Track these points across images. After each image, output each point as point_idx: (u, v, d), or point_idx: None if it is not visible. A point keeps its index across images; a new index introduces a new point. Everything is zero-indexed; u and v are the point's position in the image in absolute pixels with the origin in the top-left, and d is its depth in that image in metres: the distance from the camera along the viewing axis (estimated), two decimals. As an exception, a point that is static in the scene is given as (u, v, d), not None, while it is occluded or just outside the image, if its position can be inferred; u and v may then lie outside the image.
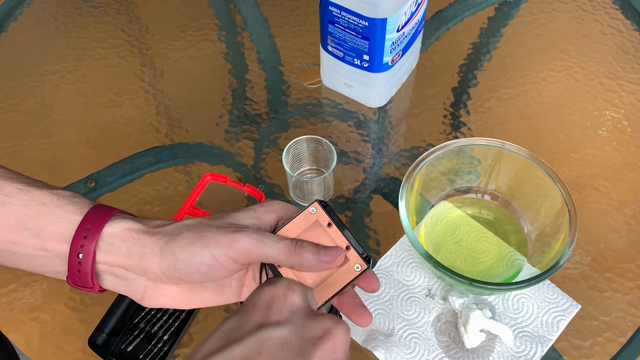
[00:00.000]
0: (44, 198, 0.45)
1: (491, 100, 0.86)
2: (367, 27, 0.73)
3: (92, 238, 0.43)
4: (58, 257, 0.45)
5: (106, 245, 0.44)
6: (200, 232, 0.43)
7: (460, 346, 0.65)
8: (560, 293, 0.68)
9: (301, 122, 0.85)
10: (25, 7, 0.99)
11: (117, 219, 0.45)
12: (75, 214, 0.44)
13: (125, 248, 0.44)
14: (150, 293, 0.46)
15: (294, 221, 0.46)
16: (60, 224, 0.44)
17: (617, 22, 0.94)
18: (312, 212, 0.46)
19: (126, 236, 0.44)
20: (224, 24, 0.97)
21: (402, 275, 0.70)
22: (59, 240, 0.44)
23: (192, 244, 0.43)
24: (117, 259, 0.44)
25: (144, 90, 0.89)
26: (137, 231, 0.44)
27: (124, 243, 0.44)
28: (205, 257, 0.42)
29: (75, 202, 0.45)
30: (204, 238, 0.43)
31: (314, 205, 0.46)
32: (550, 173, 0.67)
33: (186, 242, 0.43)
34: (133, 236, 0.44)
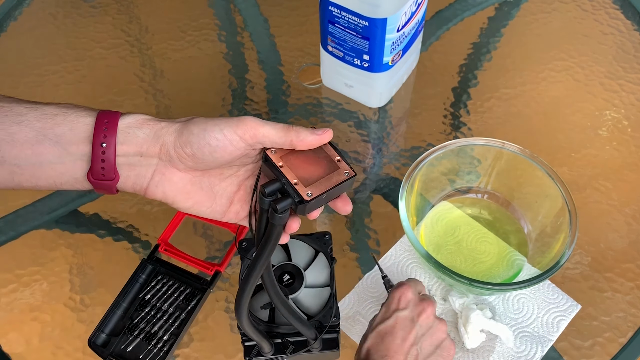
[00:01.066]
0: (54, 110, 0.48)
1: (491, 100, 0.86)
2: (367, 27, 0.73)
3: (111, 130, 0.47)
4: (80, 158, 0.48)
5: (123, 135, 0.48)
6: (211, 118, 0.49)
7: (460, 346, 0.65)
8: (561, 293, 0.68)
9: (301, 122, 0.85)
10: (25, 7, 0.99)
11: (128, 115, 0.49)
12: (88, 116, 0.48)
13: (141, 133, 0.48)
14: (156, 179, 0.50)
15: None
16: (78, 127, 0.48)
17: (617, 22, 0.94)
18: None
19: (142, 124, 0.48)
20: (224, 24, 0.97)
21: (402, 276, 0.70)
22: (80, 141, 0.48)
23: (204, 122, 0.48)
24: (135, 145, 0.48)
25: (144, 90, 0.89)
26: (152, 120, 0.49)
27: (140, 129, 0.48)
28: (215, 132, 0.47)
29: (83, 109, 0.49)
30: (215, 119, 0.48)
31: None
32: (551, 173, 0.67)
33: (199, 122, 0.48)
34: (148, 123, 0.48)
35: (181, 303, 0.69)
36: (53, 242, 0.75)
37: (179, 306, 0.68)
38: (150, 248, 0.73)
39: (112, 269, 0.73)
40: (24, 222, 0.77)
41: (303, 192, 0.47)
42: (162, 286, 0.70)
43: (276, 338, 0.60)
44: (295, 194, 0.47)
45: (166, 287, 0.69)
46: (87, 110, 0.49)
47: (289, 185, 0.47)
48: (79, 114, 0.48)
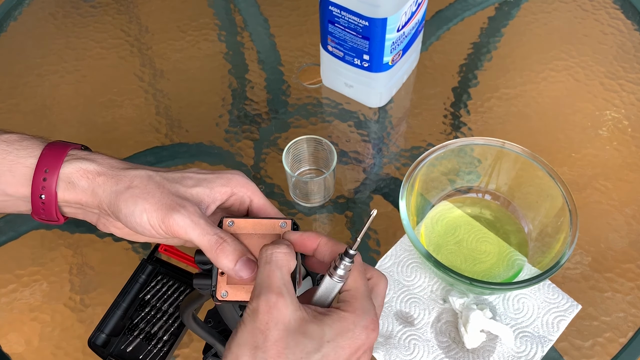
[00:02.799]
0: None
1: (491, 100, 0.86)
2: (367, 27, 0.72)
3: (51, 179, 0.46)
4: (20, 199, 0.47)
5: (64, 184, 0.47)
6: (145, 192, 0.46)
7: (460, 346, 0.65)
8: (561, 293, 0.68)
9: (301, 122, 0.85)
10: (25, 7, 0.99)
11: (71, 160, 0.47)
12: (29, 157, 0.47)
13: (81, 186, 0.47)
14: (102, 221, 0.49)
15: (259, 221, 0.46)
16: (17, 170, 0.46)
17: (617, 22, 0.94)
18: (282, 226, 0.45)
19: (82, 176, 0.47)
20: (224, 24, 0.97)
21: (402, 276, 0.70)
22: (19, 185, 0.47)
23: (134, 203, 0.45)
24: (75, 196, 0.47)
25: (144, 90, 0.89)
26: (93, 172, 0.47)
27: (80, 181, 0.47)
28: (142, 219, 0.45)
29: (25, 146, 0.47)
30: (146, 201, 0.45)
31: (287, 222, 0.45)
32: (551, 173, 0.67)
33: (129, 198, 0.45)
34: (89, 176, 0.47)
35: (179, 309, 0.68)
36: (53, 242, 0.75)
37: (179, 306, 0.68)
38: (150, 248, 0.73)
39: (112, 269, 0.73)
40: (23, 222, 0.77)
41: (220, 289, 0.44)
42: (162, 286, 0.70)
43: None
44: (213, 284, 0.44)
45: (166, 288, 0.69)
46: (29, 148, 0.47)
47: (215, 269, 0.44)
48: (19, 154, 0.47)
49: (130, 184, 0.46)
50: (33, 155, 0.47)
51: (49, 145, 0.47)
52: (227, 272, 0.44)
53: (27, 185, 0.46)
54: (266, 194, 0.77)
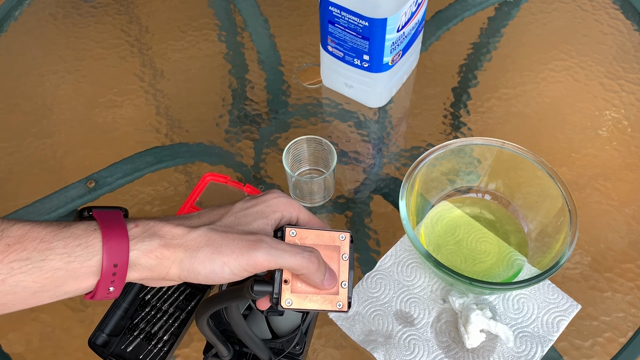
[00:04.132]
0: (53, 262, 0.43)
1: (491, 100, 0.86)
2: (367, 27, 0.73)
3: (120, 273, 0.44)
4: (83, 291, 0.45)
5: (131, 268, 0.45)
6: (218, 248, 0.45)
7: (460, 346, 0.65)
8: (561, 293, 0.68)
9: (301, 122, 0.85)
10: (25, 7, 0.99)
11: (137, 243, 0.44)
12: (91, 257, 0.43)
13: (147, 265, 0.45)
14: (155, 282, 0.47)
15: (319, 232, 0.47)
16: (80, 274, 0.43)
17: (617, 22, 0.94)
18: (341, 238, 0.48)
19: (149, 257, 0.45)
20: (224, 24, 0.97)
21: (402, 276, 0.70)
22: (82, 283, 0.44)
23: (211, 261, 0.44)
24: (139, 275, 0.45)
25: (144, 91, 0.89)
26: (159, 248, 0.45)
27: (146, 262, 0.45)
28: (225, 273, 0.45)
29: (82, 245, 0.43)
30: (222, 254, 0.44)
31: (346, 234, 0.48)
32: (551, 173, 0.67)
33: (205, 258, 0.45)
34: (156, 254, 0.45)
35: (181, 303, 0.69)
36: (53, 242, 0.75)
37: (179, 306, 0.68)
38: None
39: (112, 269, 0.73)
40: (24, 222, 0.77)
41: (283, 297, 0.45)
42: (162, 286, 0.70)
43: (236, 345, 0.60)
44: (277, 292, 0.45)
45: (166, 287, 0.69)
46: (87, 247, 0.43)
47: (279, 277, 0.45)
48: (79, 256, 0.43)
49: (198, 246, 0.45)
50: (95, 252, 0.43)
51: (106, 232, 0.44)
52: (317, 285, 0.46)
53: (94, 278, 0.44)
54: (266, 194, 0.77)
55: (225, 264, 0.44)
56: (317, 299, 0.46)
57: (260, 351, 0.56)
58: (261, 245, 0.45)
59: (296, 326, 0.60)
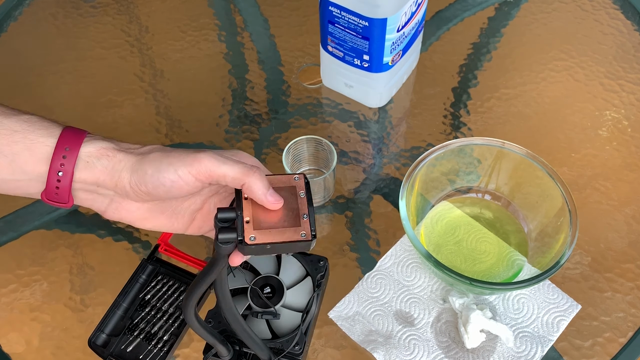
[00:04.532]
0: (15, 125, 0.47)
1: (491, 100, 0.86)
2: (367, 27, 0.73)
3: (71, 157, 0.47)
4: (34, 179, 0.48)
5: (83, 163, 0.48)
6: (167, 153, 0.48)
7: (460, 346, 0.65)
8: (561, 293, 0.68)
9: (301, 122, 0.85)
10: (25, 7, 0.99)
11: (91, 140, 0.48)
12: (49, 137, 0.47)
13: (100, 164, 0.48)
14: (113, 206, 0.50)
15: (277, 176, 0.49)
16: (36, 148, 0.47)
17: (617, 22, 0.94)
18: (295, 179, 0.49)
19: (102, 154, 0.48)
20: (224, 24, 0.97)
21: (402, 276, 0.70)
22: (37, 162, 0.47)
23: (159, 161, 0.47)
24: (92, 175, 0.48)
25: (144, 91, 0.89)
26: (112, 149, 0.48)
27: (99, 160, 0.48)
28: (170, 173, 0.47)
29: (45, 126, 0.48)
30: (170, 157, 0.47)
31: (299, 176, 0.49)
32: (551, 173, 0.67)
33: (154, 159, 0.48)
34: (108, 154, 0.48)
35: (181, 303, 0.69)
36: (53, 243, 0.75)
37: (179, 306, 0.68)
38: (150, 248, 0.73)
39: (112, 269, 0.73)
40: (24, 223, 0.77)
41: (247, 234, 0.46)
42: (162, 286, 0.70)
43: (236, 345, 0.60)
44: (240, 232, 0.46)
45: (166, 287, 0.70)
46: (50, 129, 0.48)
47: (240, 220, 0.46)
48: (39, 133, 0.47)
49: (151, 151, 0.48)
50: (53, 135, 0.47)
51: (68, 127, 0.49)
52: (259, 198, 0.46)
53: (46, 163, 0.47)
54: (266, 194, 0.77)
55: (172, 165, 0.47)
56: (280, 233, 0.46)
57: (260, 351, 0.56)
58: (206, 152, 0.47)
59: (296, 326, 0.60)
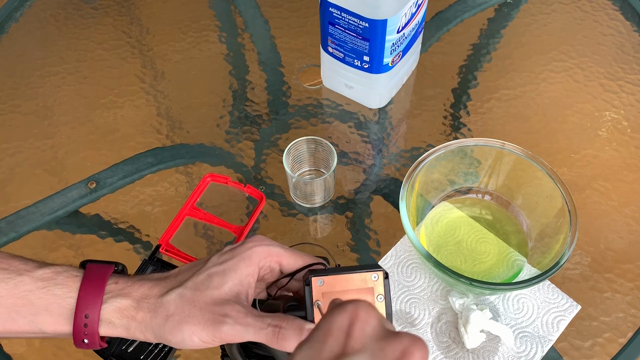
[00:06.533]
0: (28, 284, 0.46)
1: (491, 101, 0.86)
2: (368, 28, 0.73)
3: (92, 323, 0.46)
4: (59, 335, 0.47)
5: (105, 324, 0.47)
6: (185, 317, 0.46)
7: (460, 347, 0.65)
8: (561, 293, 0.68)
9: (301, 123, 0.85)
10: (26, 8, 0.99)
11: (109, 299, 0.47)
12: (66, 297, 0.46)
13: (122, 325, 0.47)
14: None
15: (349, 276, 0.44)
16: (54, 310, 0.46)
17: (616, 23, 0.94)
18: (373, 279, 0.44)
19: (121, 316, 0.47)
20: (225, 26, 0.97)
21: (402, 276, 0.70)
22: (58, 324, 0.46)
23: (180, 331, 0.45)
24: (115, 332, 0.47)
25: (145, 92, 0.89)
26: (130, 309, 0.47)
27: (120, 321, 0.47)
28: (194, 341, 0.45)
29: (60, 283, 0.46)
30: (191, 325, 0.45)
31: (379, 273, 0.44)
32: (551, 173, 0.67)
33: (173, 328, 0.46)
34: (126, 315, 0.47)
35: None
36: (54, 243, 0.75)
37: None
38: (152, 249, 0.73)
39: (113, 269, 0.73)
40: (25, 223, 0.77)
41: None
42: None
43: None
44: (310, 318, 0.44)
45: (167, 288, 0.70)
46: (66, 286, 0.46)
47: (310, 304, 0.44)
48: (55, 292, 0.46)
49: (167, 313, 0.46)
50: (70, 296, 0.46)
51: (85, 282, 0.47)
52: None
53: (68, 324, 0.46)
54: (267, 194, 0.77)
55: (194, 334, 0.45)
56: None
57: None
58: (226, 321, 0.45)
59: None
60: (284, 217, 0.77)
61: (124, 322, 0.47)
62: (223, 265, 0.47)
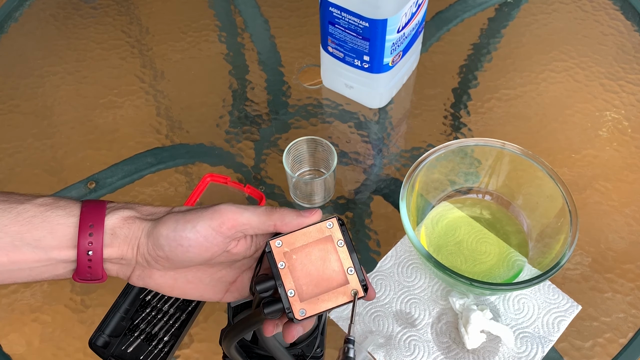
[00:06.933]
0: (30, 210, 0.45)
1: (491, 101, 0.86)
2: (368, 28, 0.73)
3: (97, 234, 0.45)
4: (62, 261, 0.46)
5: (109, 237, 0.45)
6: (184, 212, 0.46)
7: (460, 347, 0.65)
8: (561, 294, 0.68)
9: (301, 123, 0.85)
10: (25, 8, 0.99)
11: (112, 210, 0.46)
12: (69, 216, 0.45)
13: (123, 235, 0.46)
14: (137, 273, 0.48)
15: (305, 230, 0.45)
16: (59, 230, 0.45)
17: (617, 23, 0.94)
18: (328, 227, 0.45)
19: (124, 224, 0.46)
20: (225, 25, 0.97)
21: (402, 276, 0.70)
22: (62, 247, 0.45)
23: (174, 220, 0.45)
24: (117, 248, 0.46)
25: (145, 91, 0.89)
26: (132, 217, 0.46)
27: (122, 230, 0.46)
28: (187, 231, 0.44)
29: (62, 206, 0.46)
30: (187, 215, 0.45)
31: (332, 221, 0.45)
32: (551, 174, 0.67)
33: (170, 220, 0.45)
34: (129, 222, 0.46)
35: (181, 304, 0.69)
36: (54, 243, 0.75)
37: (180, 307, 0.68)
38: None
39: (113, 269, 0.73)
40: (24, 223, 0.77)
41: (296, 309, 0.43)
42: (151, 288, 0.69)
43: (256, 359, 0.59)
44: (287, 306, 0.43)
45: (167, 288, 0.70)
46: (67, 208, 0.45)
47: (284, 292, 0.43)
48: (57, 213, 0.45)
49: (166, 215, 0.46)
50: (73, 214, 0.45)
51: (86, 202, 0.46)
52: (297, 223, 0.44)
53: (72, 246, 0.45)
54: (267, 194, 0.77)
55: (189, 222, 0.44)
56: (329, 297, 0.43)
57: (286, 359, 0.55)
58: (224, 202, 0.45)
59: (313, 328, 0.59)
60: (283, 217, 0.76)
61: (123, 231, 0.46)
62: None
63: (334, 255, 0.45)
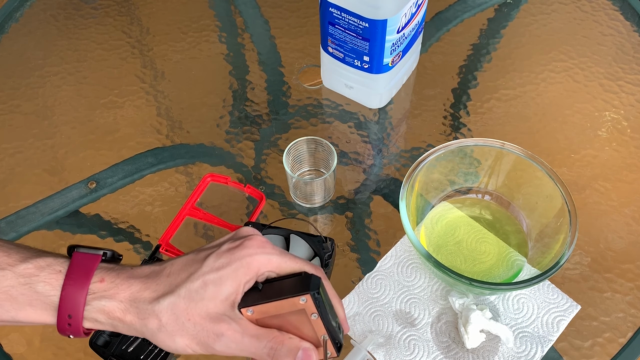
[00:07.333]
0: (10, 280, 0.45)
1: (491, 101, 0.86)
2: (368, 28, 0.73)
3: (75, 323, 0.45)
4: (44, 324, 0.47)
5: (91, 322, 0.46)
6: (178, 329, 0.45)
7: (460, 347, 0.65)
8: (560, 293, 0.68)
9: (301, 123, 0.85)
10: (26, 8, 1.00)
11: (94, 301, 0.46)
12: (49, 295, 0.45)
13: (108, 323, 0.46)
14: None
15: (278, 303, 0.45)
16: (37, 306, 0.46)
17: (616, 23, 0.94)
18: (302, 302, 0.45)
19: (107, 317, 0.46)
20: (225, 26, 0.97)
21: (402, 276, 0.70)
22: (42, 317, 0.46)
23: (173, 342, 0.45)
24: (103, 327, 0.47)
25: (145, 92, 0.89)
26: (117, 311, 0.46)
27: (107, 320, 0.46)
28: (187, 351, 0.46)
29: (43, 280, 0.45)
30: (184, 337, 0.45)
31: (306, 296, 0.45)
32: (550, 173, 0.67)
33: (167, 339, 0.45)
34: (114, 316, 0.46)
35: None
36: (54, 243, 0.75)
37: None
38: (152, 249, 0.73)
39: (113, 269, 0.73)
40: (25, 223, 0.77)
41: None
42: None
43: None
44: None
45: (167, 288, 0.70)
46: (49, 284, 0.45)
47: None
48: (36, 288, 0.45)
49: (160, 323, 0.45)
50: (52, 294, 0.45)
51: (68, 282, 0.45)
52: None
53: (52, 317, 0.46)
54: (267, 194, 0.77)
55: (188, 347, 0.45)
56: None
57: None
58: (221, 340, 0.45)
59: None
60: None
61: (110, 321, 0.46)
62: (220, 272, 0.46)
63: (308, 327, 0.45)
